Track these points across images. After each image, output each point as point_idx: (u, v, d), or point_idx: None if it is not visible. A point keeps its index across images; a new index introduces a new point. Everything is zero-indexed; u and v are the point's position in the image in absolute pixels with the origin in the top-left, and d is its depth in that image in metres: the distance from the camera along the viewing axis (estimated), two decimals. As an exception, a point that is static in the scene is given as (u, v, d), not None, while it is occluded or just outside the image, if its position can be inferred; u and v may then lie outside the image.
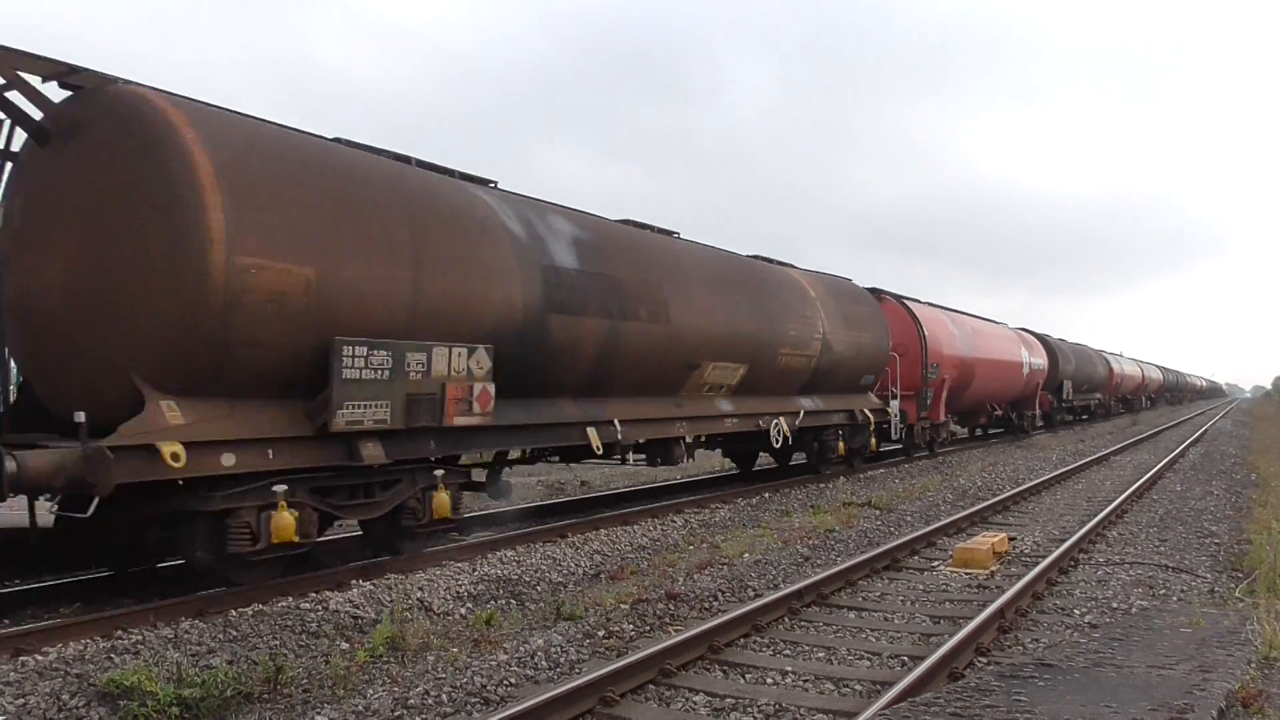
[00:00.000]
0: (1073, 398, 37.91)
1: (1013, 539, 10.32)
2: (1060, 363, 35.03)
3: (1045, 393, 33.47)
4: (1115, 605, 7.44)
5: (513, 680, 5.55)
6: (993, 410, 28.39)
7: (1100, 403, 45.77)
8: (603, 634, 6.51)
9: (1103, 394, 46.11)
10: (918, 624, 7.05)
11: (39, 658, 5.83)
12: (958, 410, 24.54)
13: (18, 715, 5.04)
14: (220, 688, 5.31)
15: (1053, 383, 34.30)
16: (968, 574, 8.70)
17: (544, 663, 5.88)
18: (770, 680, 5.66)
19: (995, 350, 26.60)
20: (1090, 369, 41.94)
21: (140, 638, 6.34)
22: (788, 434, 14.91)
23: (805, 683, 5.64)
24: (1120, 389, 51.62)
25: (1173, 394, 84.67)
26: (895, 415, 18.93)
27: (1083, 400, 41.00)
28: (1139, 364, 63.48)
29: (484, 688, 5.39)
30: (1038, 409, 32.46)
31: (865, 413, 17.80)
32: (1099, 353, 47.96)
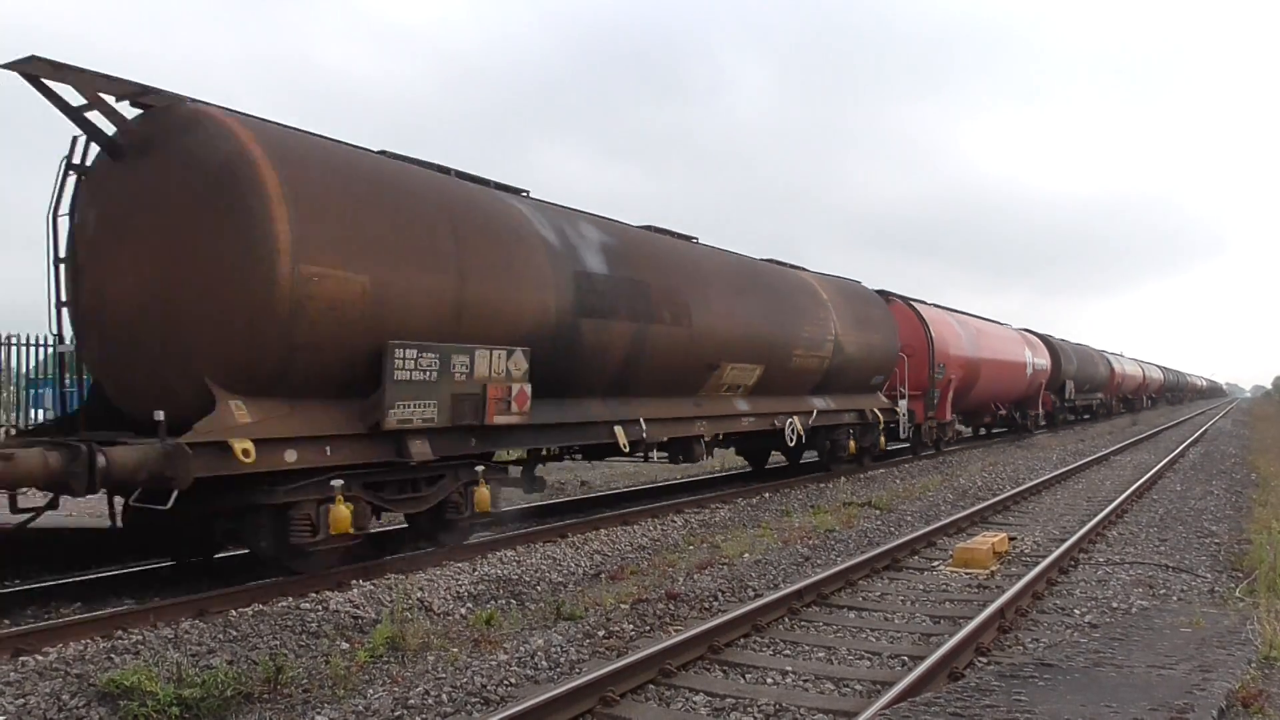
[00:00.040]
0: (1075, 397, 38.09)
1: (1013, 539, 10.32)
2: (1063, 363, 35.20)
3: (1048, 393, 33.68)
4: (1115, 605, 7.44)
5: (513, 680, 5.55)
6: (997, 410, 28.62)
7: (1102, 402, 45.92)
8: (603, 634, 6.51)
9: (1104, 394, 46.24)
10: (918, 624, 7.05)
11: (39, 658, 5.84)
12: (963, 410, 24.73)
13: (18, 715, 5.05)
14: (220, 688, 5.31)
15: (1055, 383, 34.45)
16: (968, 574, 8.70)
17: (544, 663, 5.88)
18: (770, 680, 5.66)
19: (999, 351, 26.85)
20: (1092, 369, 42.05)
21: (140, 638, 6.34)
22: (801, 433, 15.25)
23: (805, 683, 5.64)
24: (1122, 389, 51.70)
25: (1173, 394, 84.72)
26: (903, 415, 19.26)
27: (1085, 400, 41.15)
28: (1140, 364, 63.52)
29: (484, 688, 5.39)
30: (1041, 409, 32.67)
31: (875, 412, 18.14)
32: (1101, 353, 48.08)
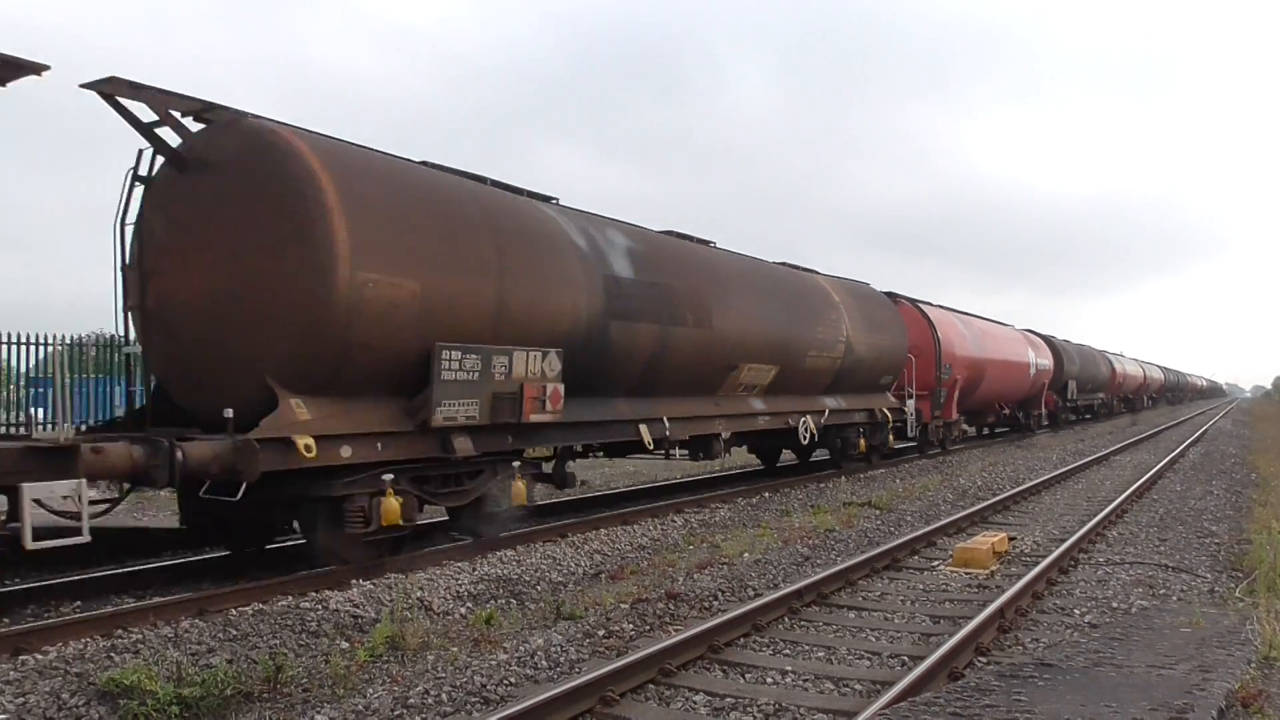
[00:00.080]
0: (1077, 397, 38.42)
1: (1013, 539, 10.32)
2: (1065, 363, 35.48)
3: (1051, 392, 33.99)
4: (1115, 605, 7.44)
5: (513, 680, 5.55)
6: (1001, 410, 28.96)
7: (1104, 402, 46.16)
8: (603, 633, 6.51)
9: (1106, 394, 46.45)
10: (918, 624, 7.05)
11: (39, 656, 5.84)
12: (967, 409, 25.00)
13: (18, 714, 5.05)
14: (220, 687, 5.31)
15: (1058, 383, 34.73)
16: (968, 574, 8.69)
17: (544, 662, 5.88)
18: (770, 680, 5.66)
19: (1003, 351, 27.19)
20: (1094, 369, 42.24)
21: (140, 637, 6.34)
22: (814, 431, 15.71)
23: (805, 682, 5.64)
24: (1123, 389, 51.82)
25: (1173, 394, 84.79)
26: (911, 414, 19.74)
27: (1087, 400, 41.41)
28: (1141, 364, 63.64)
29: (484, 687, 5.39)
30: (1044, 408, 33.01)
31: (884, 411, 18.63)
32: (1102, 353, 48.26)
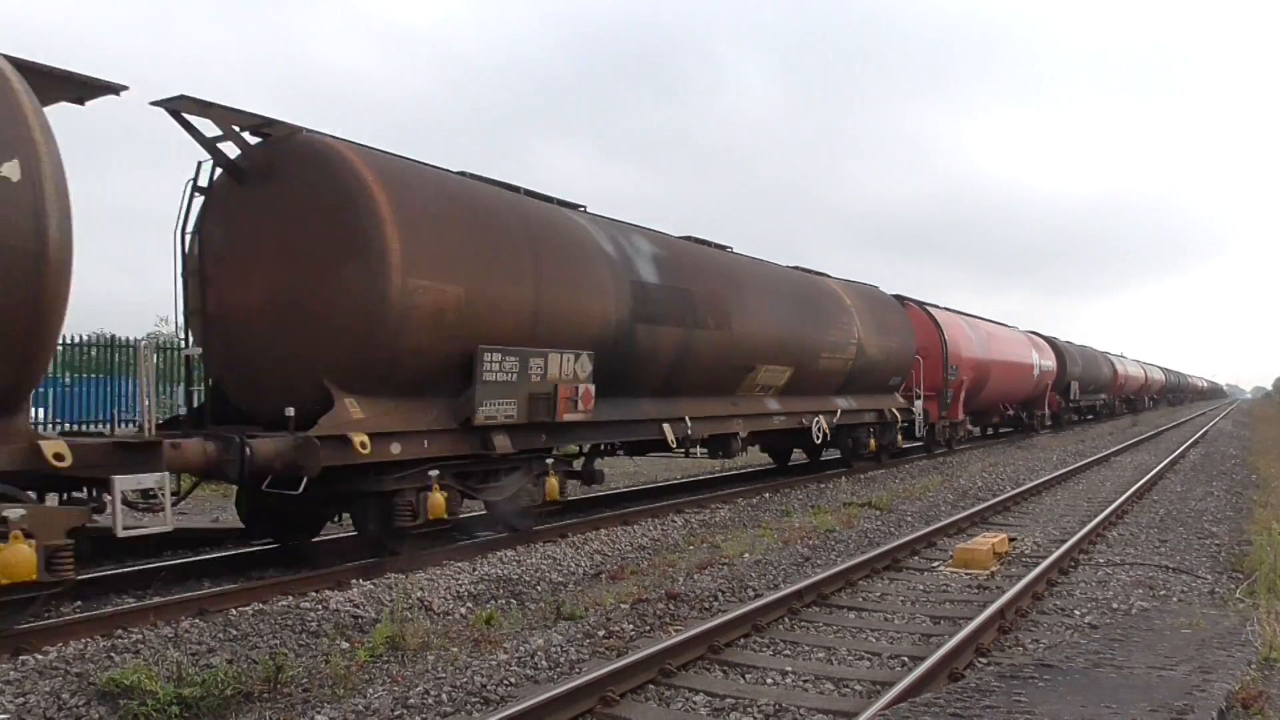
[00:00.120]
0: (1079, 398, 38.82)
1: (1013, 539, 10.32)
2: (1068, 364, 35.86)
3: (1054, 393, 34.43)
4: (1115, 606, 7.44)
5: (513, 680, 5.55)
6: (1005, 410, 29.34)
7: (1105, 403, 46.44)
8: (603, 634, 6.51)
9: (1108, 395, 46.70)
10: (918, 624, 7.05)
11: (39, 656, 5.84)
12: (973, 410, 25.37)
13: (18, 714, 5.05)
14: (220, 687, 5.31)
15: (1061, 384, 35.11)
16: (968, 574, 8.69)
17: (544, 662, 5.88)
18: (770, 680, 5.66)
19: (1008, 353, 27.56)
20: (1096, 370, 42.48)
21: (140, 637, 6.34)
22: (827, 431, 16.21)
23: (805, 683, 5.64)
24: (1124, 390, 51.96)
25: (1174, 395, 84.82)
26: (919, 414, 20.18)
27: (1089, 401, 41.75)
28: (1142, 365, 63.75)
29: (484, 687, 5.39)
30: (1047, 409, 33.48)
31: (893, 411, 19.12)
32: (1104, 355, 48.51)
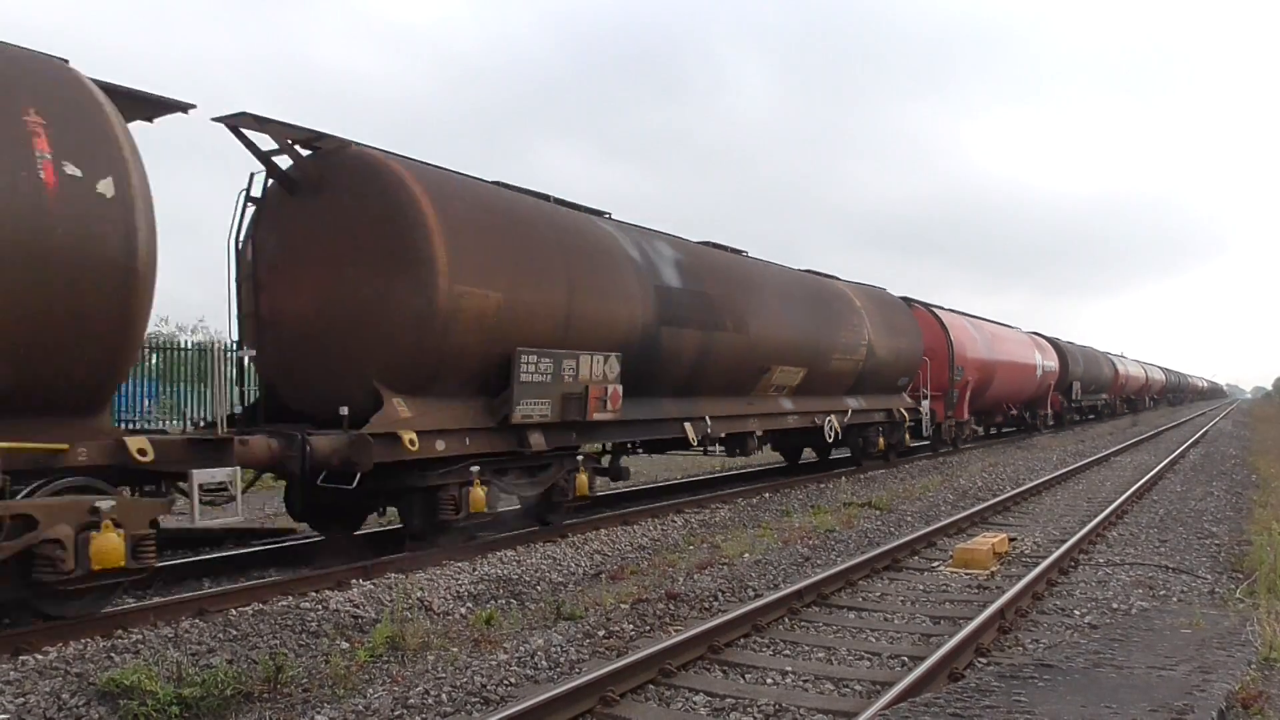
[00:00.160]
0: (1081, 398, 39.20)
1: (1013, 539, 10.32)
2: (1070, 365, 36.26)
3: (1056, 393, 34.77)
4: (1115, 606, 7.43)
5: (513, 680, 5.55)
6: (1008, 410, 29.63)
7: (1107, 403, 46.70)
8: (603, 634, 6.51)
9: (1109, 395, 46.93)
10: (918, 624, 7.05)
11: (39, 657, 5.84)
12: (977, 410, 25.63)
13: (18, 714, 5.05)
14: (220, 687, 5.31)
15: (1063, 384, 35.48)
16: (968, 574, 8.69)
17: (544, 662, 5.88)
18: (770, 680, 5.66)
19: (1012, 354, 27.91)
20: (1098, 370, 42.74)
21: (140, 637, 6.34)
22: (839, 430, 16.66)
23: (805, 683, 5.63)
24: (1125, 390, 52.12)
25: (1174, 395, 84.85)
26: (926, 414, 20.58)
27: (1090, 401, 42.04)
28: (1142, 365, 63.88)
29: (484, 687, 5.39)
30: (1049, 409, 33.82)
31: (901, 411, 19.61)
32: (1105, 355, 48.78)
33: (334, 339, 8.74)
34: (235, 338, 9.38)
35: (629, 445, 12.46)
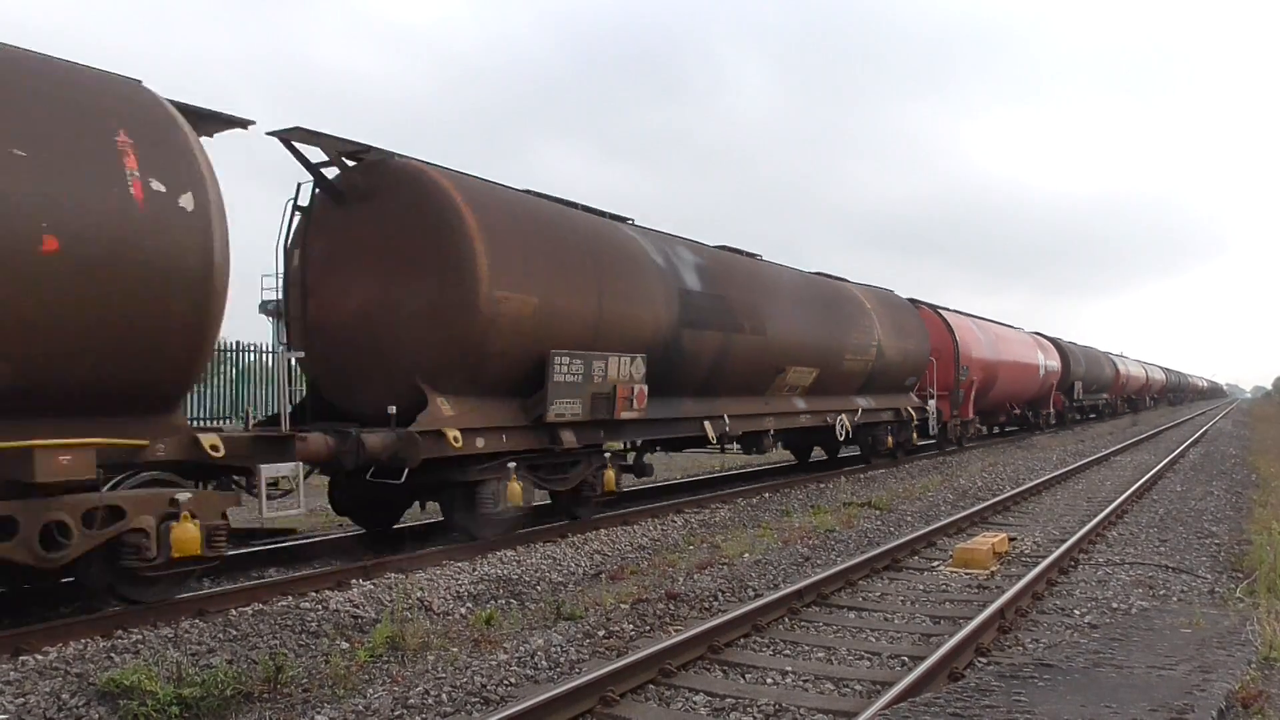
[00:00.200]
0: (1083, 398, 39.54)
1: (1013, 539, 10.32)
2: (1072, 365, 36.63)
3: (1059, 393, 35.07)
4: (1115, 605, 7.43)
5: (513, 680, 5.55)
6: (1011, 409, 29.94)
7: (1108, 403, 46.99)
8: (603, 634, 6.51)
9: (1110, 394, 47.18)
10: (918, 624, 7.05)
11: (39, 657, 5.84)
12: (981, 409, 25.93)
13: (18, 714, 5.05)
14: (220, 687, 5.31)
15: (1065, 384, 35.83)
16: (968, 574, 8.69)
17: (544, 662, 5.88)
18: (770, 680, 5.66)
19: (1015, 354, 28.25)
20: (1099, 370, 42.96)
21: (140, 637, 6.34)
22: (849, 428, 17.05)
23: (805, 683, 5.63)
24: (1126, 389, 52.31)
25: (1174, 394, 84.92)
26: (933, 413, 20.83)
27: (1092, 400, 42.38)
28: (1143, 365, 63.99)
29: (484, 687, 5.39)
30: (1052, 408, 34.14)
31: (909, 410, 20.03)
32: (1106, 355, 49.02)
33: (380, 341, 9.16)
34: (283, 340, 9.91)
35: (653, 444, 12.83)
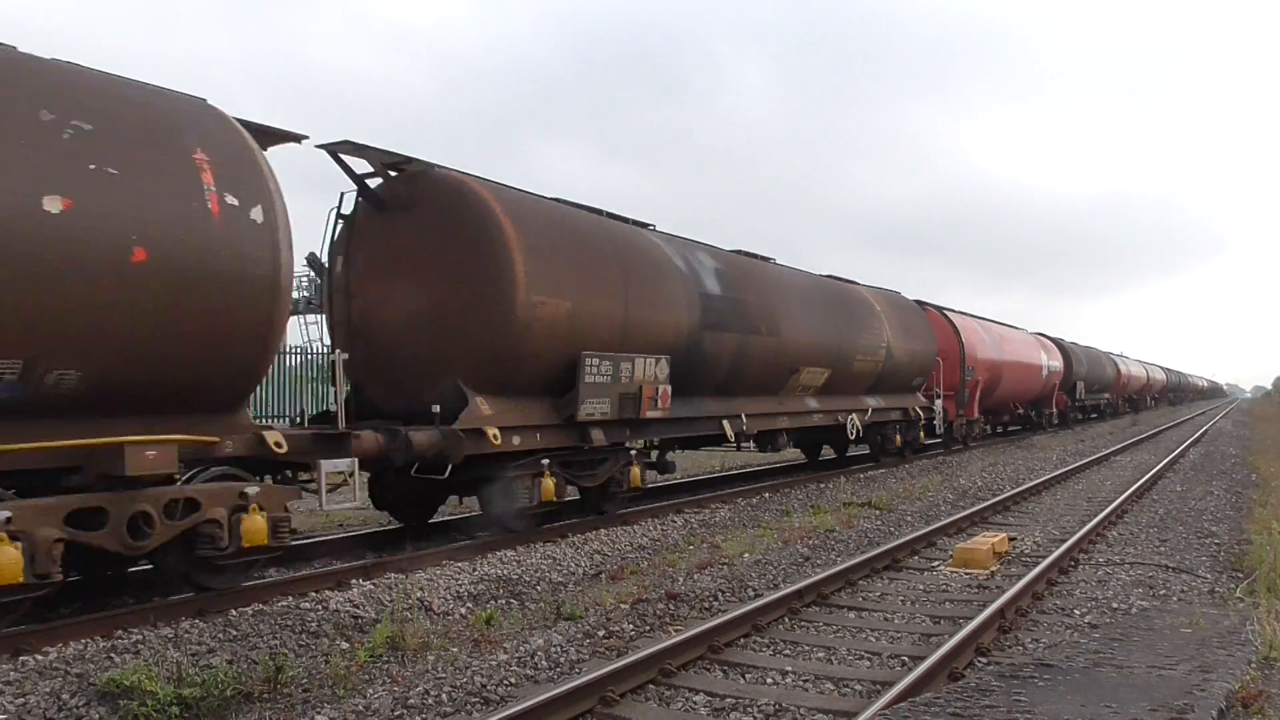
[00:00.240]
0: (1085, 398, 39.77)
1: (1013, 539, 10.32)
2: (1074, 365, 36.87)
3: (1061, 393, 35.33)
4: (1115, 605, 7.43)
5: (513, 680, 5.55)
6: (1015, 409, 30.31)
7: (1109, 403, 47.21)
8: (603, 634, 6.51)
9: (1111, 394, 47.36)
10: (918, 624, 7.05)
11: (39, 657, 5.84)
12: (985, 409, 26.17)
13: (18, 715, 5.05)
14: (220, 687, 5.31)
15: (1067, 383, 36.06)
16: (968, 574, 8.69)
17: (544, 662, 5.88)
18: (770, 680, 5.66)
19: (1019, 354, 28.51)
20: (1100, 370, 43.18)
21: (140, 637, 6.35)
22: (860, 428, 17.41)
23: (805, 683, 5.63)
24: (1127, 389, 52.46)
25: (1175, 394, 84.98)
26: (939, 413, 21.26)
27: (1094, 400, 42.69)
28: (1144, 365, 64.07)
29: (484, 687, 5.39)
30: (1054, 408, 34.48)
31: (916, 410, 20.41)
32: (1108, 355, 49.25)
33: (422, 343, 9.58)
34: (328, 342, 10.39)
35: (674, 442, 13.21)
